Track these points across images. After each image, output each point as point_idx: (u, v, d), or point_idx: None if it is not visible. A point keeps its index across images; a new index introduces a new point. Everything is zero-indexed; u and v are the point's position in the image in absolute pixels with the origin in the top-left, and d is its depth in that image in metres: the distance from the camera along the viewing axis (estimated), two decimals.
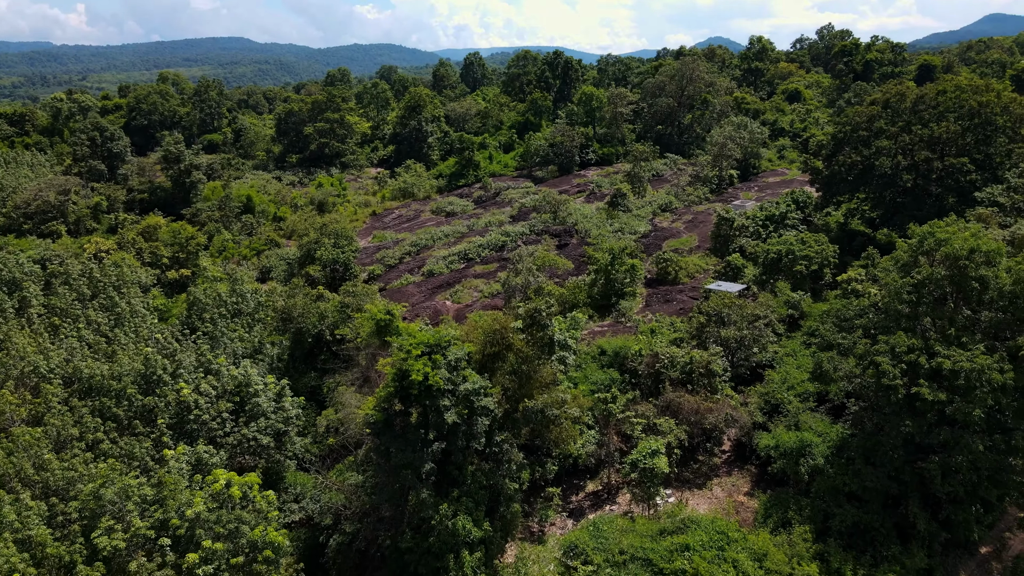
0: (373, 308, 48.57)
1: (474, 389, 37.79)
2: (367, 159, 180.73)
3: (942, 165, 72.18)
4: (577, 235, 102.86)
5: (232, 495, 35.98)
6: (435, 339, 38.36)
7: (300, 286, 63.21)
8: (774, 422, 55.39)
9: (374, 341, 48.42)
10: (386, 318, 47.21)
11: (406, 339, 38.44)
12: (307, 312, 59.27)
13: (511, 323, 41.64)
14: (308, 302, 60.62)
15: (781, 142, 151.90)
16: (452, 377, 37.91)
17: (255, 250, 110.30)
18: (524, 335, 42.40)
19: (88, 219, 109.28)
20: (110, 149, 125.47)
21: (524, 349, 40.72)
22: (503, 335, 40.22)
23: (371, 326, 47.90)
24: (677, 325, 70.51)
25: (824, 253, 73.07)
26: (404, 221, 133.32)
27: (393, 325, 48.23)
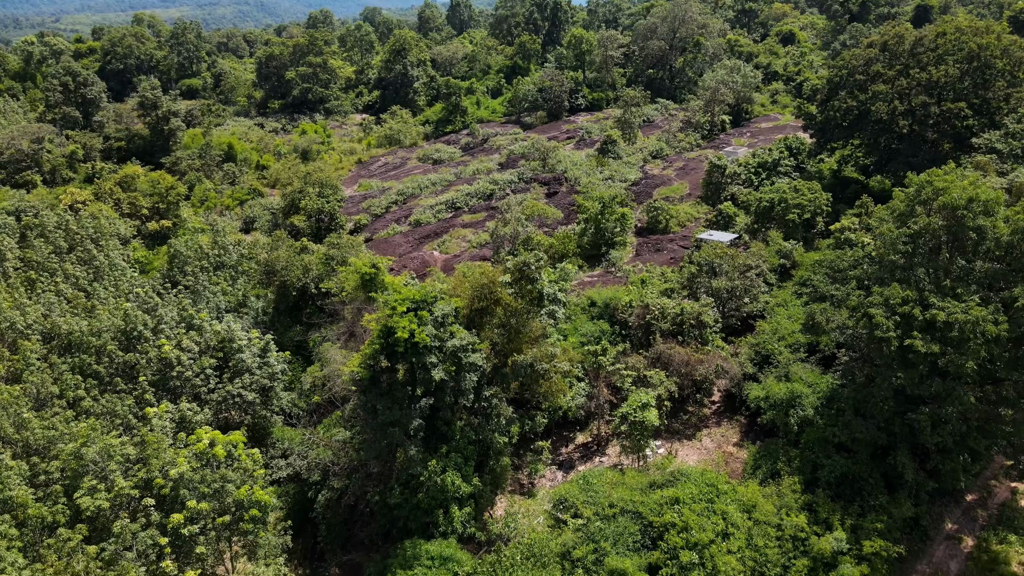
0: (358, 262, 47.33)
1: (462, 345, 36.95)
2: (352, 105, 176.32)
3: (939, 110, 70.64)
4: (566, 183, 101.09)
5: (216, 454, 35.33)
6: (421, 295, 37.32)
7: (283, 238, 61.72)
8: (764, 373, 55.17)
9: (359, 295, 47.33)
10: (371, 272, 46.02)
11: (392, 295, 37.39)
12: (291, 265, 57.95)
13: (499, 277, 40.59)
14: (292, 255, 59.24)
15: (774, 86, 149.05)
16: (439, 333, 37.02)
17: (238, 200, 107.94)
18: (513, 289, 41.41)
19: (64, 168, 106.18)
20: (84, 95, 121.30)
21: (513, 304, 39.79)
22: (491, 289, 39.21)
23: (356, 280, 46.74)
24: (668, 275, 69.73)
25: (817, 201, 71.99)
26: (390, 169, 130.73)
27: (378, 279, 47.10)
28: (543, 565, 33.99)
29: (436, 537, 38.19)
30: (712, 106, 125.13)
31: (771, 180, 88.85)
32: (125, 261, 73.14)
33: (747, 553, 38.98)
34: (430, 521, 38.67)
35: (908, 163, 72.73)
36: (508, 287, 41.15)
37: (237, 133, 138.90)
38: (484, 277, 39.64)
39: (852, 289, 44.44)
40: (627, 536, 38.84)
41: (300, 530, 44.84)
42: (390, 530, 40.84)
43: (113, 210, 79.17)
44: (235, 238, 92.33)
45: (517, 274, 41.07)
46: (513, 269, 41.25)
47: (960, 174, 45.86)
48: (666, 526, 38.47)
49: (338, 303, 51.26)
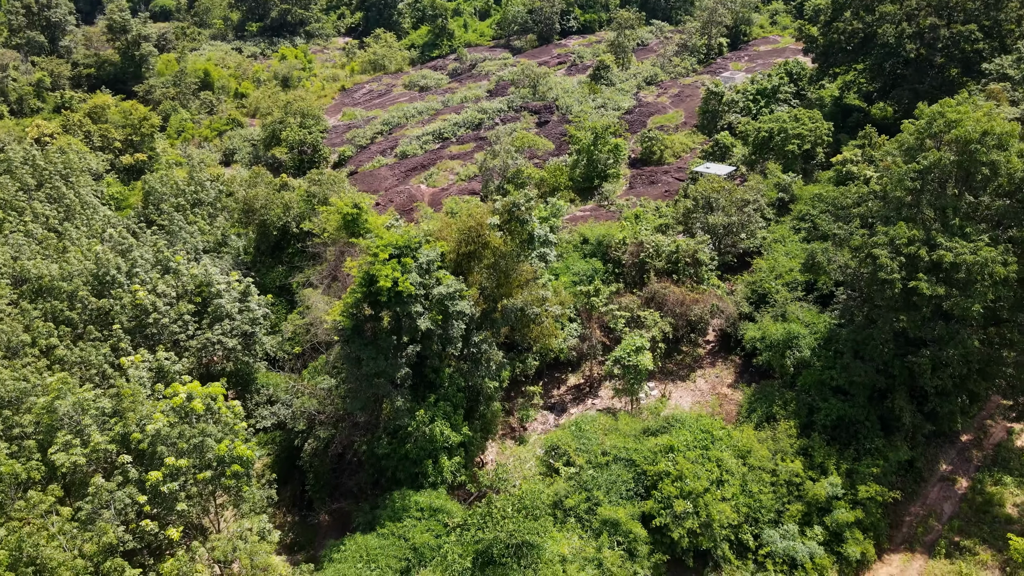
0: (339, 202, 44.89)
1: (448, 293, 35.16)
2: (334, 27, 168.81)
3: (948, 33, 67.18)
4: (558, 111, 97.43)
5: (194, 408, 33.91)
6: (404, 240, 35.21)
7: (262, 174, 58.81)
8: (760, 312, 53.88)
9: (342, 236, 45.13)
10: (353, 212, 43.71)
11: (373, 240, 35.28)
12: (270, 204, 55.39)
13: (487, 218, 38.42)
14: (271, 192, 56.55)
15: (774, 6, 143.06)
16: (424, 281, 35.15)
17: (216, 131, 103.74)
18: (502, 231, 39.32)
19: (31, 98, 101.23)
20: (48, 18, 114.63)
21: (502, 247, 37.80)
22: (479, 232, 37.14)
23: (337, 221, 44.46)
24: (663, 210, 67.56)
25: (818, 131, 69.26)
26: (375, 97, 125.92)
27: (361, 220, 44.83)
28: (535, 516, 33.27)
29: (425, 487, 37.37)
30: (709, 28, 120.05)
31: (770, 108, 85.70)
32: (98, 198, 70.14)
33: (741, 499, 38.46)
34: (419, 472, 37.79)
35: (914, 90, 69.75)
36: (497, 229, 39.05)
37: (213, 59, 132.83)
38: (471, 219, 37.50)
39: (856, 228, 42.58)
40: (620, 485, 38.15)
41: (287, 477, 44.07)
42: (379, 479, 40.03)
43: (83, 143, 75.51)
44: (215, 172, 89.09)
45: (506, 215, 38.90)
46: (502, 210, 39.06)
47: (973, 104, 43.34)
48: (660, 475, 37.74)
49: (319, 245, 49.06)
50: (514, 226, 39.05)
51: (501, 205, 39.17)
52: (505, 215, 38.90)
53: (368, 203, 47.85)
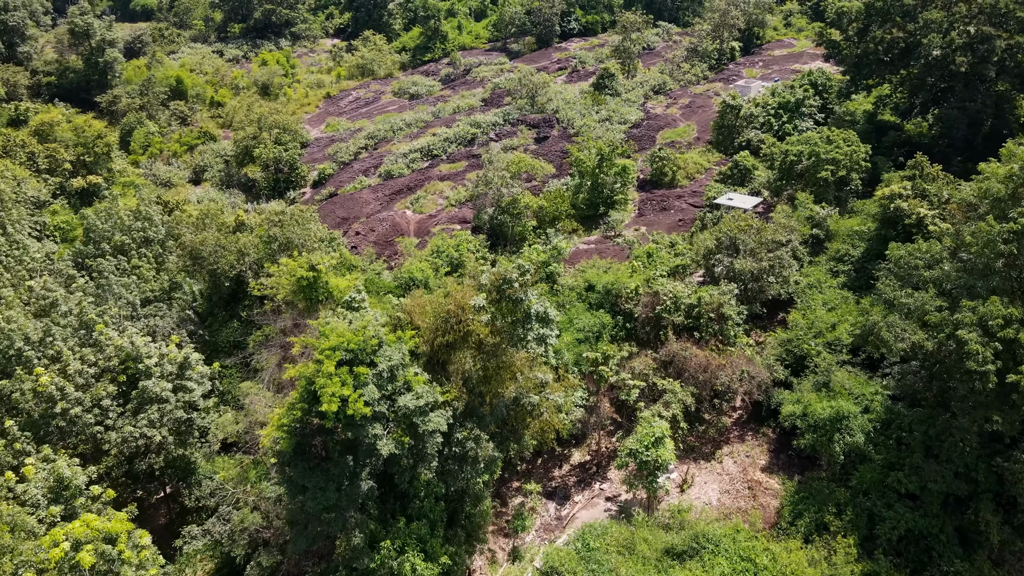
0: (292, 263, 36.58)
1: (418, 407, 26.88)
2: (322, 28, 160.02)
3: (1005, 44, 58.78)
4: (558, 125, 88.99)
5: (80, 563, 25.62)
6: (359, 341, 26.83)
7: (212, 214, 50.43)
8: (799, 380, 45.66)
9: (298, 301, 36.85)
10: (309, 276, 35.37)
11: (321, 339, 27.00)
12: (221, 251, 46.99)
13: (470, 297, 30.13)
14: (223, 236, 48.14)
15: (788, 6, 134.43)
16: (386, 391, 26.88)
17: (186, 145, 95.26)
18: (491, 311, 31.01)
19: None
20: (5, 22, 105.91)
21: (488, 338, 29.60)
22: (459, 318, 28.96)
23: (291, 285, 36.11)
24: (679, 246, 59.24)
25: (854, 156, 60.85)
26: (362, 105, 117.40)
27: (320, 283, 36.45)
28: None
29: None
30: (720, 31, 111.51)
31: (793, 124, 77.35)
32: (37, 232, 61.90)
33: None
34: None
35: (963, 108, 61.38)
36: (484, 311, 30.74)
37: (190, 64, 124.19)
38: (451, 300, 29.28)
39: (930, 299, 34.27)
40: None
41: None
42: None
43: (24, 168, 67.06)
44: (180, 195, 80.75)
45: (495, 294, 30.64)
46: (490, 286, 30.77)
47: None
48: None
49: (272, 311, 40.70)
50: (505, 306, 30.82)
51: (489, 280, 30.87)
52: (494, 293, 30.64)
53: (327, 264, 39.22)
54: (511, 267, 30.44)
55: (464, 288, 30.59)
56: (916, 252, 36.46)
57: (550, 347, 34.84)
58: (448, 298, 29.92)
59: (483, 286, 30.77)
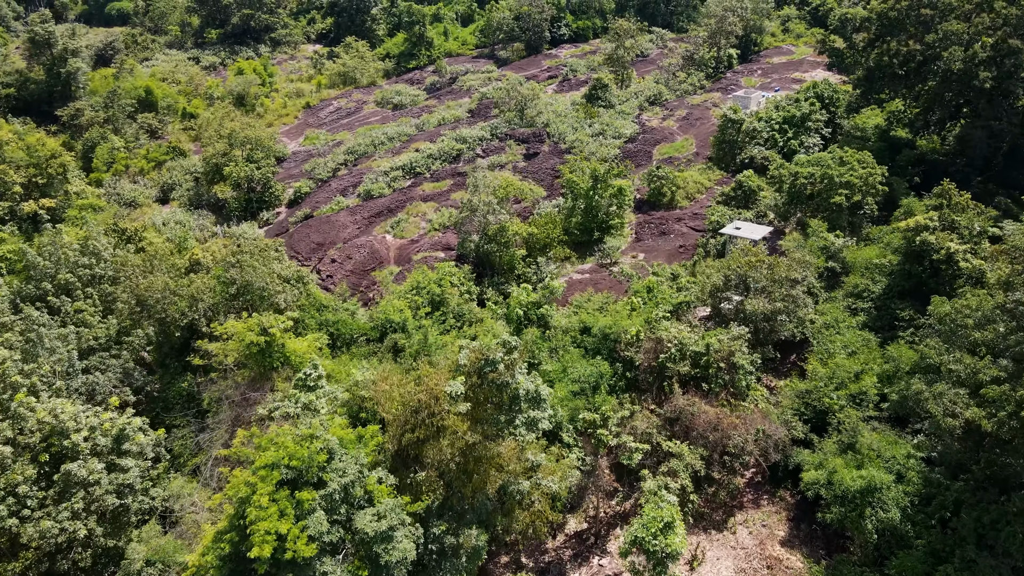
0: (242, 327, 31.35)
1: (380, 533, 21.72)
2: (303, 33, 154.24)
3: None
4: (549, 140, 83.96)
5: None
6: (306, 455, 21.59)
7: (160, 256, 45.04)
8: (820, 439, 40.82)
9: (249, 367, 31.63)
10: (260, 342, 30.13)
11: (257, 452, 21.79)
12: (170, 298, 41.62)
13: (444, 386, 24.99)
14: (173, 280, 42.77)
15: (785, 11, 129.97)
16: (340, 516, 21.71)
17: (154, 161, 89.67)
18: (470, 399, 25.87)
19: None
20: None
21: (467, 434, 24.52)
22: (432, 411, 23.88)
23: (240, 350, 30.87)
24: (681, 279, 54.28)
25: (871, 179, 56.11)
26: (343, 115, 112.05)
27: (275, 347, 31.21)
28: None
29: None
30: (717, 38, 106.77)
31: (799, 140, 72.60)
32: None
33: None
34: None
35: (988, 127, 56.77)
36: (464, 398, 25.59)
37: (161, 72, 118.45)
38: (421, 388, 24.17)
39: (985, 366, 29.41)
40: None
41: None
42: None
43: None
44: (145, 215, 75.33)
45: (475, 378, 25.53)
46: (470, 368, 25.66)
47: None
48: None
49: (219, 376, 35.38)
50: (488, 391, 25.74)
51: (468, 361, 25.73)
52: (474, 377, 25.53)
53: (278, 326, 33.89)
54: (494, 344, 25.37)
55: (438, 372, 25.49)
56: (964, 309, 31.59)
57: (541, 429, 29.69)
58: (419, 385, 24.85)
59: (461, 367, 25.69)
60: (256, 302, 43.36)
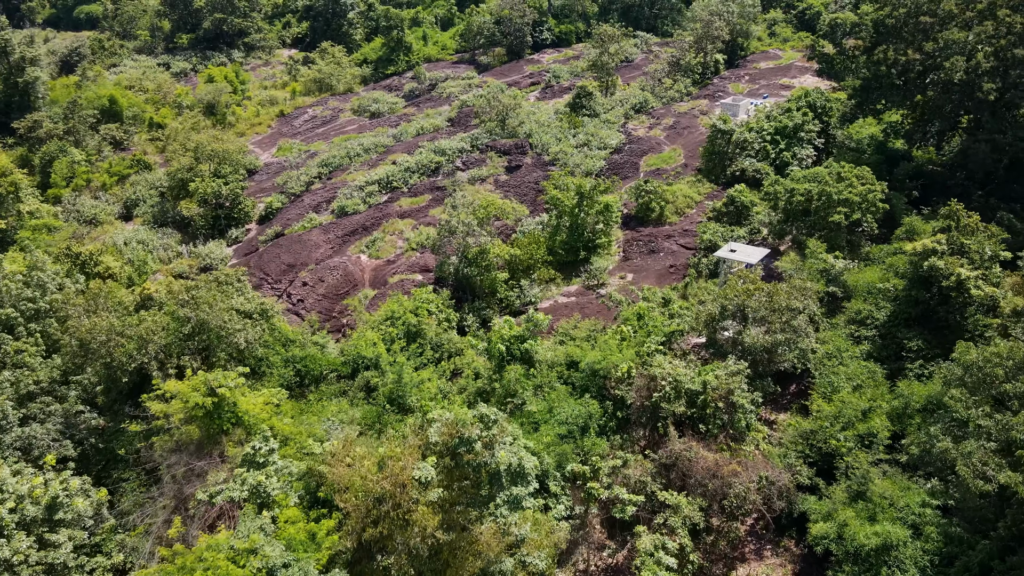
0: (184, 387, 27.69)
1: None
2: (278, 38, 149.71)
3: None
4: (531, 151, 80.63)
5: None
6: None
7: (104, 292, 41.13)
8: (828, 483, 37.83)
9: (193, 431, 27.98)
10: (207, 404, 26.50)
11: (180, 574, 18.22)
12: (116, 340, 37.80)
13: (412, 470, 21.54)
14: (119, 320, 38.92)
15: (772, 15, 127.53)
16: None
17: (117, 175, 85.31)
18: (443, 480, 22.44)
19: None
20: None
21: (440, 534, 21.06)
22: (397, 501, 20.43)
23: (185, 412, 27.21)
24: (673, 305, 51.00)
25: (870, 196, 53.29)
26: (319, 124, 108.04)
27: (226, 405, 27.58)
28: None
29: None
30: (704, 44, 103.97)
31: (792, 151, 69.83)
32: None
33: None
34: None
35: (993, 142, 54.14)
36: (435, 484, 22.13)
37: (129, 80, 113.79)
38: (385, 475, 20.73)
39: (1020, 423, 26.41)
40: None
41: None
42: None
43: None
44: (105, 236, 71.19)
45: (449, 459, 22.09)
46: (442, 447, 22.21)
47: None
48: None
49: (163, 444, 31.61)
50: (464, 472, 22.33)
51: (440, 438, 22.22)
52: (447, 458, 22.09)
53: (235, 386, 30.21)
54: (470, 417, 21.94)
55: (405, 452, 22.03)
56: (994, 358, 28.57)
57: (524, 509, 26.25)
58: (383, 471, 21.36)
59: (432, 446, 22.26)
60: (213, 342, 39.67)
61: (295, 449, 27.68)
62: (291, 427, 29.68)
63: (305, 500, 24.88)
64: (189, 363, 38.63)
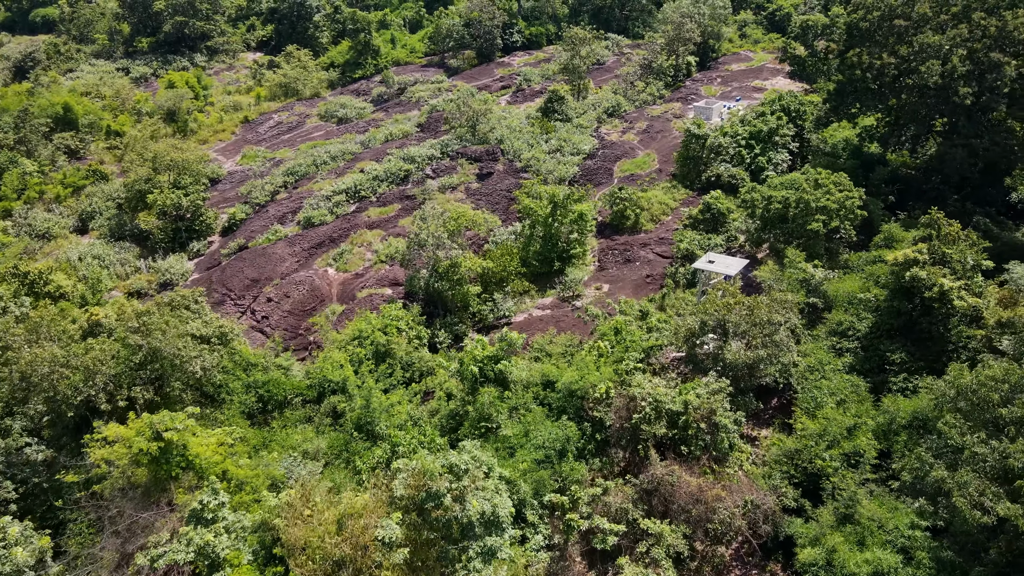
0: (127, 431, 25.37)
1: None
2: (242, 41, 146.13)
3: (1017, 73, 51.01)
4: (503, 157, 78.81)
5: None
6: None
7: (46, 322, 38.45)
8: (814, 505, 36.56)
9: (138, 477, 25.70)
10: (152, 450, 24.25)
11: None
12: (59, 372, 35.21)
13: (374, 529, 19.64)
14: (64, 350, 36.31)
15: (743, 16, 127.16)
16: None
17: (71, 186, 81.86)
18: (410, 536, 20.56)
19: None
20: None
21: None
22: (358, 566, 18.49)
23: (128, 459, 24.92)
24: (651, 319, 49.46)
25: (849, 204, 52.34)
26: (285, 131, 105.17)
27: (175, 449, 25.34)
28: None
29: None
30: (675, 46, 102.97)
31: (767, 156, 68.87)
32: None
33: None
34: None
35: (970, 147, 53.54)
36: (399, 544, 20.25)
37: (85, 86, 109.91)
38: (344, 536, 18.78)
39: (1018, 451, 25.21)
40: None
41: None
42: None
43: None
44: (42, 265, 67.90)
45: (415, 515, 20.21)
46: (407, 502, 20.31)
47: None
48: None
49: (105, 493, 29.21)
50: (433, 527, 20.45)
51: (405, 492, 20.24)
52: (412, 514, 20.21)
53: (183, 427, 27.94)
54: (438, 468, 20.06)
55: (367, 508, 20.09)
56: (989, 382, 27.37)
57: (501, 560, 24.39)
58: (342, 533, 19.41)
59: (396, 501, 20.35)
60: (167, 371, 37.26)
61: (251, 496, 25.45)
62: (247, 470, 27.49)
63: (260, 556, 22.79)
64: (140, 394, 36.29)
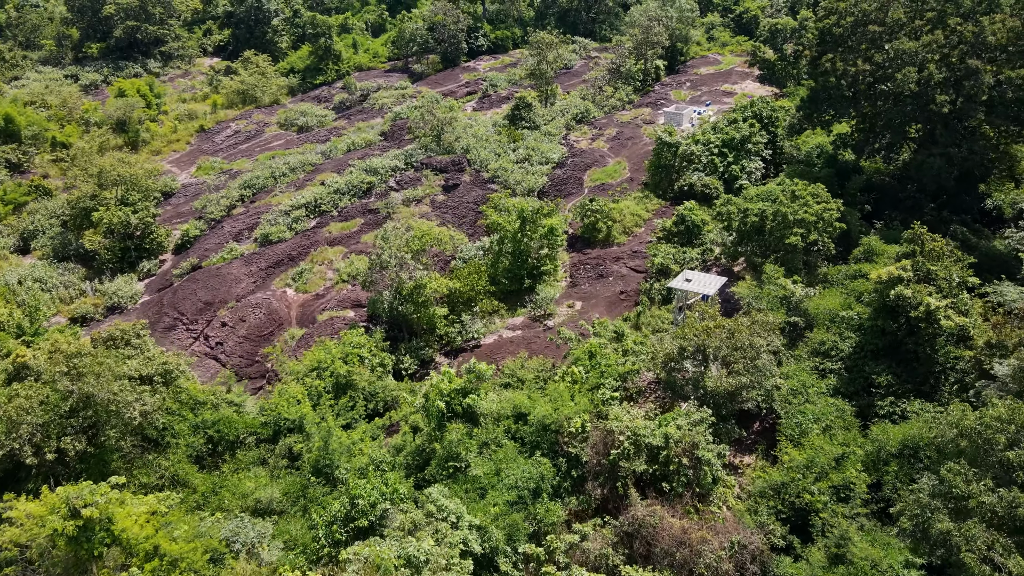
0: (41, 509, 22.28)
1: None
2: (198, 46, 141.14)
3: (994, 80, 49.76)
4: (470, 168, 76.09)
5: None
6: None
7: None
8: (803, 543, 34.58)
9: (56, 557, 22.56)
10: (70, 529, 21.17)
11: None
12: None
13: None
14: None
15: (710, 18, 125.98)
16: None
17: (13, 203, 77.27)
18: None
19: None
20: None
21: None
22: None
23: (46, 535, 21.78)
24: (627, 340, 47.25)
25: (827, 216, 50.66)
26: (243, 140, 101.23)
27: (99, 524, 22.25)
28: None
29: None
30: (644, 49, 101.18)
31: (740, 164, 67.22)
32: None
33: None
34: None
35: (947, 155, 52.24)
36: None
37: (30, 95, 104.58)
38: None
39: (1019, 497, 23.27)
40: None
41: None
42: None
43: None
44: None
45: None
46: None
47: None
48: None
49: None
50: None
51: None
52: None
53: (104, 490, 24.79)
54: (394, 561, 17.13)
55: None
56: (994, 423, 25.44)
57: None
58: None
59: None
60: (102, 418, 33.97)
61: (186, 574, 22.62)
62: (182, 544, 24.44)
63: None
64: (71, 445, 32.94)
